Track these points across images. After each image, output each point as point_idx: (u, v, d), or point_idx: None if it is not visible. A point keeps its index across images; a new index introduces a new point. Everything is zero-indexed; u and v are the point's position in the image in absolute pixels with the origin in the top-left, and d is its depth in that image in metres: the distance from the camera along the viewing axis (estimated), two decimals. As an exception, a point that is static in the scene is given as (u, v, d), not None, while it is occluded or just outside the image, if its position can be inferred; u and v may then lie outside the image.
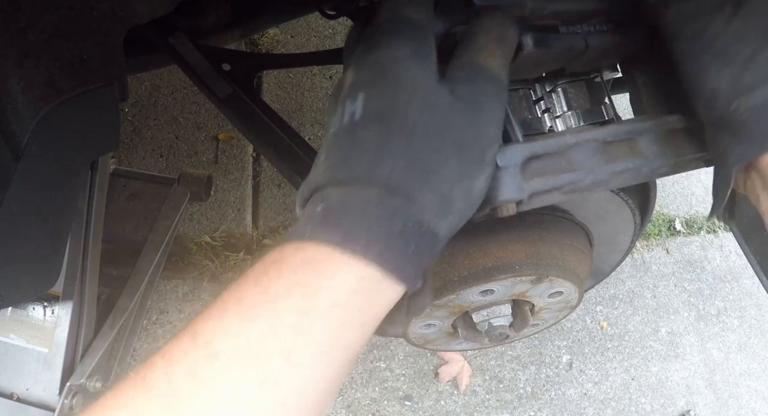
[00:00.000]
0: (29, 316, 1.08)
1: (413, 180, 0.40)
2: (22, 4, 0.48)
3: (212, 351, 0.36)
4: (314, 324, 0.37)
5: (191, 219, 1.76)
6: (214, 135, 1.91)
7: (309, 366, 0.37)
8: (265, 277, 0.38)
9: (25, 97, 0.51)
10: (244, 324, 0.37)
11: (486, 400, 1.70)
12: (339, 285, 0.38)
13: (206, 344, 0.36)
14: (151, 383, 0.36)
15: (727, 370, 1.88)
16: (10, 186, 0.53)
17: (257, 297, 0.38)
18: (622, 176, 0.56)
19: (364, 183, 0.40)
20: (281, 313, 0.37)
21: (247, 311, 0.37)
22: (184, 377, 0.36)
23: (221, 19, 0.94)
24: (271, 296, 0.37)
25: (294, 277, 0.38)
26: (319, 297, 0.37)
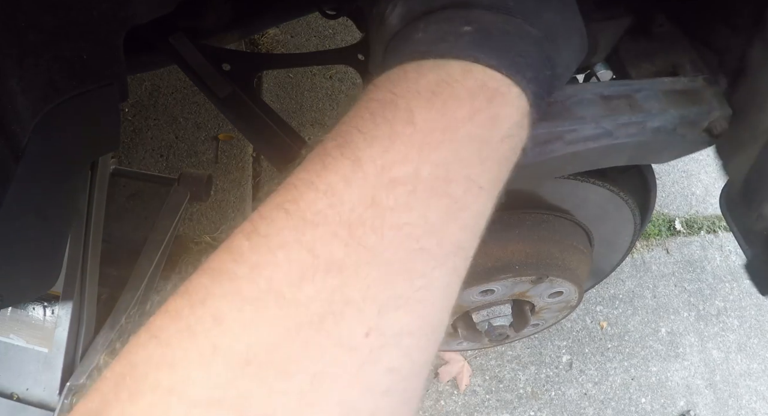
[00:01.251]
0: (29, 316, 1.08)
1: (562, 33, 0.40)
2: (22, 4, 0.48)
3: (390, 179, 0.32)
4: (492, 153, 0.36)
5: (191, 219, 1.75)
6: (214, 135, 1.91)
7: (488, 194, 0.36)
8: (438, 100, 0.35)
9: (25, 97, 0.51)
10: (425, 150, 0.33)
11: (486, 400, 1.70)
12: (510, 115, 0.37)
13: (381, 171, 0.32)
14: (314, 217, 0.31)
15: (727, 370, 1.88)
16: (10, 186, 0.53)
17: (438, 123, 0.34)
18: (627, 129, 0.56)
19: (522, 19, 0.38)
20: (463, 140, 0.34)
21: (428, 135, 0.34)
22: (360, 207, 0.31)
23: (221, 19, 0.94)
24: (454, 121, 0.34)
25: (473, 103, 0.35)
26: (497, 126, 0.36)
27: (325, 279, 0.29)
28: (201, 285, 0.31)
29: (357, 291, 0.29)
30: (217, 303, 0.29)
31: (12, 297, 0.65)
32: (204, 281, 0.31)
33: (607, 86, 0.57)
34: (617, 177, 0.84)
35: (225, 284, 0.30)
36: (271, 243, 0.30)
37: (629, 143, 0.56)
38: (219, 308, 0.28)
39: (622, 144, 0.56)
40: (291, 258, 0.29)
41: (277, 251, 0.30)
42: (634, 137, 0.56)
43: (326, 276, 0.29)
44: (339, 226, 0.30)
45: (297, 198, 0.32)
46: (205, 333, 0.27)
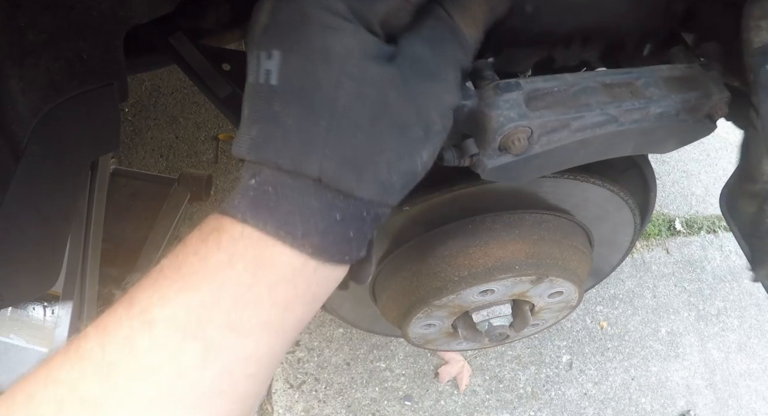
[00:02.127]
0: (29, 316, 1.08)
1: (348, 175, 0.37)
2: (22, 4, 0.48)
3: (148, 319, 0.34)
4: (260, 299, 0.36)
5: (191, 219, 1.75)
6: (214, 135, 1.91)
7: (255, 337, 0.36)
8: (204, 246, 0.36)
9: (25, 97, 0.51)
10: (182, 293, 0.35)
11: (486, 400, 1.70)
12: (284, 263, 0.36)
13: (142, 312, 0.34)
14: (84, 354, 0.34)
15: (727, 370, 1.88)
16: (10, 186, 0.53)
17: (197, 266, 0.36)
18: (631, 114, 0.56)
19: (294, 173, 0.36)
20: (223, 285, 0.35)
21: (187, 280, 0.35)
22: (119, 347, 0.34)
23: (221, 19, 0.94)
24: (211, 266, 0.36)
25: (233, 249, 0.36)
26: (264, 272, 0.36)
27: (76, 414, 0.32)
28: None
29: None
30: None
31: (12, 297, 0.65)
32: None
33: (607, 74, 0.57)
34: (617, 177, 0.84)
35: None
36: (47, 376, 0.34)
37: (634, 129, 0.57)
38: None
39: (628, 130, 0.56)
40: (53, 393, 0.33)
41: (46, 385, 0.33)
42: (639, 123, 0.57)
43: (78, 412, 0.32)
44: (100, 365, 0.33)
45: (81, 336, 0.35)
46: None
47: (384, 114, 0.38)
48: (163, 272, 0.36)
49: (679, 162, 2.19)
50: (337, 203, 0.37)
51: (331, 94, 0.36)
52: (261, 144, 0.37)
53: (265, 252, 0.36)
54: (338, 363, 1.67)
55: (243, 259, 0.36)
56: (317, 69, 0.36)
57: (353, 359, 1.68)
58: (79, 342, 0.35)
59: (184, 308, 0.35)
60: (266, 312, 0.36)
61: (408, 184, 0.41)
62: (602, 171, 0.80)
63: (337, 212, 0.37)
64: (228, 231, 0.36)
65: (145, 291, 0.36)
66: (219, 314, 0.35)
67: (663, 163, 2.18)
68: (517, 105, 0.52)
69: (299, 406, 1.61)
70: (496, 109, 0.51)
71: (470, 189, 0.74)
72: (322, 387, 1.64)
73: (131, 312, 0.35)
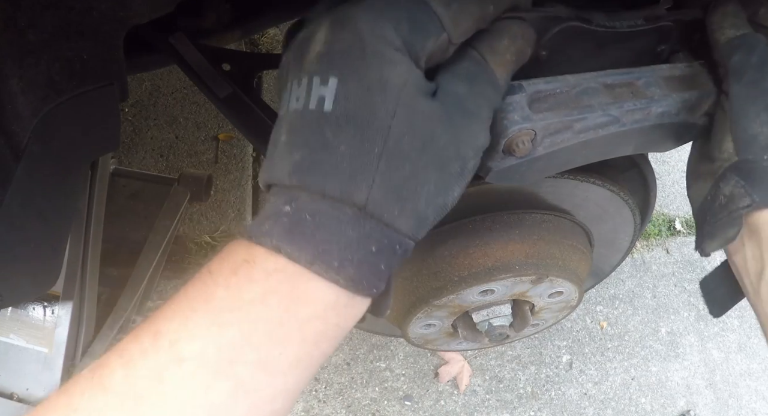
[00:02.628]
0: (29, 316, 1.08)
1: (391, 204, 0.37)
2: (22, 4, 0.48)
3: (178, 356, 0.34)
4: (291, 335, 0.36)
5: (191, 219, 1.76)
6: (214, 135, 1.91)
7: (284, 375, 0.36)
8: (235, 279, 0.35)
9: (25, 97, 0.51)
10: (213, 329, 0.34)
11: (486, 400, 1.70)
12: (317, 298, 0.36)
13: (171, 346, 0.34)
14: (109, 385, 0.33)
15: (727, 370, 1.88)
16: (10, 186, 0.53)
17: (228, 301, 0.35)
18: (633, 115, 0.56)
19: (338, 200, 0.36)
20: (255, 322, 0.35)
21: (218, 316, 0.35)
22: (146, 380, 0.33)
23: (221, 19, 0.94)
24: (244, 302, 0.35)
25: (267, 284, 0.35)
26: (297, 308, 0.36)
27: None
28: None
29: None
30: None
31: (12, 297, 0.65)
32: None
33: (608, 75, 0.58)
34: (617, 177, 0.84)
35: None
36: (69, 405, 0.33)
37: (636, 129, 0.57)
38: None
39: (630, 130, 0.57)
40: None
41: (68, 415, 0.33)
42: (641, 123, 0.57)
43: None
44: (125, 398, 0.33)
45: (103, 363, 0.34)
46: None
47: (431, 147, 0.38)
48: (190, 304, 0.36)
49: (679, 162, 2.19)
50: (374, 234, 0.37)
51: (386, 123, 0.36)
52: (306, 168, 0.37)
53: (299, 286, 0.36)
54: (338, 363, 1.67)
55: (276, 295, 0.35)
56: (374, 98, 0.36)
57: (353, 359, 1.68)
58: (101, 370, 0.34)
59: (215, 345, 0.34)
60: (296, 349, 0.36)
61: (438, 218, 0.41)
62: (602, 171, 0.80)
63: (374, 244, 0.37)
64: (261, 264, 0.36)
65: (172, 322, 0.35)
66: (249, 352, 0.34)
67: (663, 163, 2.19)
68: (521, 108, 0.52)
69: (299, 406, 1.61)
70: (499, 111, 0.51)
71: (470, 189, 0.74)
72: (322, 387, 1.64)
73: (158, 344, 0.34)
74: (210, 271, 0.37)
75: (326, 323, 0.37)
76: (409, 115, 0.37)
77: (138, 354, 0.34)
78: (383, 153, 0.36)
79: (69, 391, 0.34)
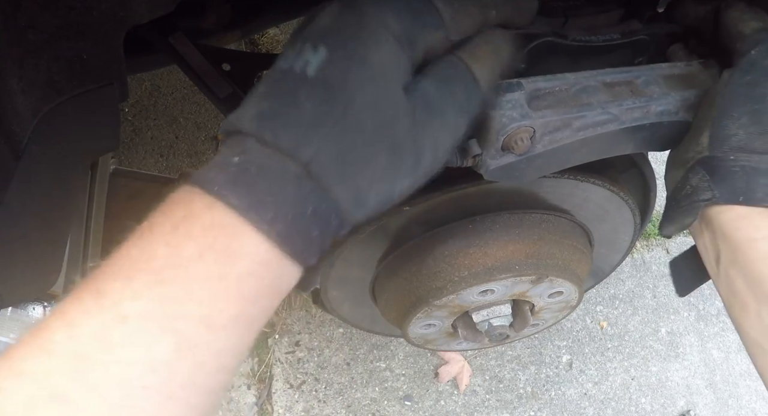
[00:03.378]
0: (29, 316, 1.08)
1: (334, 170, 0.39)
2: (22, 4, 0.48)
3: (121, 314, 0.34)
4: (230, 291, 0.36)
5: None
6: (214, 135, 1.91)
7: (226, 330, 0.37)
8: (175, 236, 0.36)
9: (25, 97, 0.51)
10: (155, 287, 0.35)
11: (486, 400, 1.70)
12: (250, 253, 0.37)
13: (113, 305, 0.34)
14: (51, 347, 0.33)
15: (727, 370, 1.88)
16: (10, 186, 0.53)
17: (169, 259, 0.36)
18: (632, 113, 0.56)
19: (286, 154, 0.38)
20: (195, 278, 0.36)
21: (159, 273, 0.35)
22: (90, 340, 0.33)
23: (221, 19, 0.94)
24: (184, 259, 0.36)
25: (205, 240, 0.36)
26: (233, 263, 0.36)
27: (47, 410, 0.31)
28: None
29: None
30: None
31: (12, 297, 0.65)
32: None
33: (607, 73, 0.58)
34: (617, 177, 0.84)
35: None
36: (11, 369, 0.33)
37: (635, 128, 0.57)
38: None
39: (629, 129, 0.57)
40: (20, 388, 0.32)
41: (11, 379, 0.32)
42: (640, 121, 0.57)
43: (49, 408, 0.31)
44: (70, 358, 0.33)
45: (44, 326, 0.34)
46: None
47: (387, 131, 0.40)
48: (131, 261, 0.36)
49: (679, 162, 2.19)
50: (312, 197, 0.38)
51: (352, 94, 0.39)
52: (268, 117, 0.39)
53: (234, 241, 0.36)
54: (338, 363, 1.67)
55: (213, 250, 0.36)
56: (351, 70, 0.39)
57: (353, 359, 1.68)
58: (43, 333, 0.34)
59: (158, 302, 0.35)
60: (235, 305, 0.37)
61: (379, 207, 0.42)
62: (602, 171, 0.80)
63: (310, 205, 0.38)
64: (198, 220, 0.37)
65: (115, 281, 0.35)
66: (191, 308, 0.35)
67: (663, 163, 2.18)
68: (519, 105, 0.52)
69: (299, 406, 1.61)
70: (498, 109, 0.51)
71: (470, 189, 0.74)
72: (322, 387, 1.64)
73: (101, 303, 0.34)
74: (151, 227, 0.37)
75: (261, 280, 0.38)
76: (377, 94, 0.40)
77: (81, 315, 0.34)
78: (340, 119, 0.38)
79: (11, 355, 0.34)
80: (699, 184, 0.54)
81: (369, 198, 0.41)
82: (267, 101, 0.40)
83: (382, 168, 0.41)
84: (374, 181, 0.41)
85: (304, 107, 0.38)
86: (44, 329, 0.34)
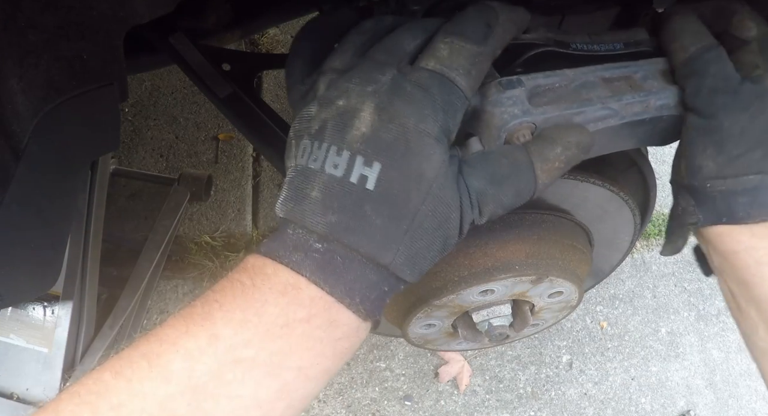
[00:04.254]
0: (29, 316, 1.08)
1: (408, 266, 0.46)
2: (22, 4, 0.48)
3: (235, 358, 0.41)
4: (326, 351, 0.44)
5: (191, 219, 1.76)
6: (214, 135, 1.91)
7: (317, 381, 0.45)
8: (284, 299, 0.43)
9: (25, 97, 0.51)
10: (266, 339, 0.42)
11: (486, 400, 1.70)
12: (345, 323, 0.45)
13: (228, 350, 0.41)
14: (170, 375, 0.39)
15: (727, 370, 1.88)
16: (10, 186, 0.53)
17: (280, 318, 0.42)
18: (632, 107, 0.57)
19: (365, 256, 0.44)
20: (301, 337, 0.43)
21: (269, 329, 0.42)
22: (206, 376, 0.39)
23: (221, 19, 0.94)
24: (292, 320, 0.43)
25: (311, 309, 0.43)
26: (332, 330, 0.44)
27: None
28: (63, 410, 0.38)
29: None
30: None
31: (12, 297, 0.65)
32: (68, 407, 0.39)
33: (606, 69, 0.58)
34: (617, 177, 0.84)
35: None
36: (130, 389, 0.39)
37: (635, 122, 0.57)
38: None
39: (629, 123, 0.57)
40: (141, 408, 0.38)
41: (134, 398, 0.38)
42: (640, 116, 0.57)
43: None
44: (186, 388, 0.39)
45: (160, 353, 0.40)
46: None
47: (443, 228, 0.47)
48: (243, 315, 0.42)
49: (679, 162, 2.19)
50: (389, 280, 0.46)
51: (416, 207, 0.45)
52: (343, 230, 0.44)
53: (333, 313, 0.44)
54: (338, 363, 1.67)
55: (318, 318, 0.43)
56: (411, 187, 0.44)
57: (353, 359, 1.68)
58: (160, 361, 0.40)
59: (267, 352, 0.41)
60: (328, 361, 0.45)
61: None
62: (602, 170, 0.80)
63: (386, 286, 0.46)
64: (305, 291, 0.43)
65: (226, 329, 0.41)
66: (295, 360, 0.43)
67: (663, 163, 2.19)
68: (520, 101, 0.52)
69: (299, 406, 1.61)
70: (499, 106, 0.51)
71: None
72: (322, 387, 1.64)
73: (216, 345, 0.41)
74: (254, 284, 0.43)
75: (350, 342, 0.46)
76: (435, 203, 0.46)
77: (196, 352, 0.40)
78: (409, 229, 0.45)
79: (128, 377, 0.39)
80: (686, 207, 0.58)
81: (426, 270, 0.49)
82: (334, 214, 0.44)
83: (438, 251, 0.48)
84: (432, 260, 0.48)
85: (374, 221, 0.44)
86: (160, 356, 0.40)
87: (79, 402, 0.38)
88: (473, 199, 0.48)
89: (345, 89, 0.47)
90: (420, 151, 0.44)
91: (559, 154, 0.49)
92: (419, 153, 0.44)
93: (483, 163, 0.48)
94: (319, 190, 0.45)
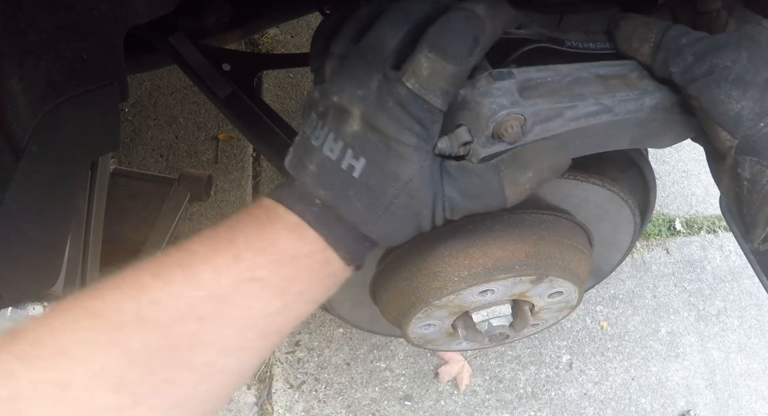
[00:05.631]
0: (29, 316, 1.08)
1: (383, 240, 0.55)
2: (22, 4, 0.48)
3: (253, 276, 0.49)
4: (321, 282, 0.53)
5: (191, 219, 1.76)
6: (214, 135, 1.91)
7: (307, 304, 0.54)
8: (292, 236, 0.51)
9: (25, 97, 0.51)
10: (276, 265, 0.50)
11: (486, 400, 1.70)
12: (334, 263, 0.53)
13: (247, 269, 0.49)
14: (199, 282, 0.47)
15: (727, 370, 1.88)
16: (10, 186, 0.53)
17: (288, 251, 0.51)
18: (626, 105, 0.56)
19: (350, 223, 0.53)
20: (304, 268, 0.51)
21: (280, 259, 0.50)
22: (229, 287, 0.48)
23: (221, 19, 0.94)
24: (299, 252, 0.51)
25: (312, 246, 0.51)
26: (325, 266, 0.53)
27: (190, 326, 0.47)
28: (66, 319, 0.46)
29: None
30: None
31: (12, 297, 0.65)
32: (113, 295, 0.48)
33: (601, 66, 0.58)
34: (617, 177, 0.84)
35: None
36: (166, 289, 0.47)
37: (629, 120, 0.56)
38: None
39: (622, 121, 0.56)
40: (175, 305, 0.47)
41: (169, 297, 0.47)
42: (634, 114, 0.56)
43: (192, 325, 0.47)
44: (213, 295, 0.47)
45: (191, 263, 0.48)
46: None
47: (417, 218, 0.54)
48: (260, 243, 0.50)
49: (679, 162, 2.19)
50: (368, 242, 0.55)
51: (390, 201, 0.52)
52: (331, 200, 0.52)
53: (327, 254, 0.52)
54: (338, 363, 1.67)
55: (317, 255, 0.52)
56: (388, 184, 0.51)
57: (353, 359, 1.69)
58: (189, 269, 0.48)
59: (277, 276, 0.50)
60: (320, 291, 0.54)
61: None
62: (602, 171, 0.80)
63: (368, 242, 0.55)
64: (308, 233, 0.51)
65: (248, 252, 0.49)
66: (296, 286, 0.51)
67: (663, 163, 2.19)
68: (510, 93, 0.52)
69: (299, 406, 1.61)
70: (488, 96, 0.51)
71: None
72: (322, 387, 1.64)
73: (238, 264, 0.48)
74: (270, 219, 0.51)
75: (336, 279, 0.55)
76: (407, 199, 0.52)
77: (222, 267, 0.48)
78: (383, 216, 0.52)
79: (161, 277, 0.48)
80: (752, 170, 0.52)
81: (402, 241, 0.57)
82: (324, 188, 0.52)
83: (410, 232, 0.56)
84: (405, 237, 0.56)
85: (355, 205, 0.52)
86: (191, 266, 0.48)
87: (122, 294, 0.47)
88: (446, 205, 0.54)
89: (340, 88, 0.52)
90: (399, 157, 0.51)
91: (531, 178, 0.53)
92: (398, 158, 0.51)
93: (460, 175, 0.53)
94: (316, 165, 0.52)
